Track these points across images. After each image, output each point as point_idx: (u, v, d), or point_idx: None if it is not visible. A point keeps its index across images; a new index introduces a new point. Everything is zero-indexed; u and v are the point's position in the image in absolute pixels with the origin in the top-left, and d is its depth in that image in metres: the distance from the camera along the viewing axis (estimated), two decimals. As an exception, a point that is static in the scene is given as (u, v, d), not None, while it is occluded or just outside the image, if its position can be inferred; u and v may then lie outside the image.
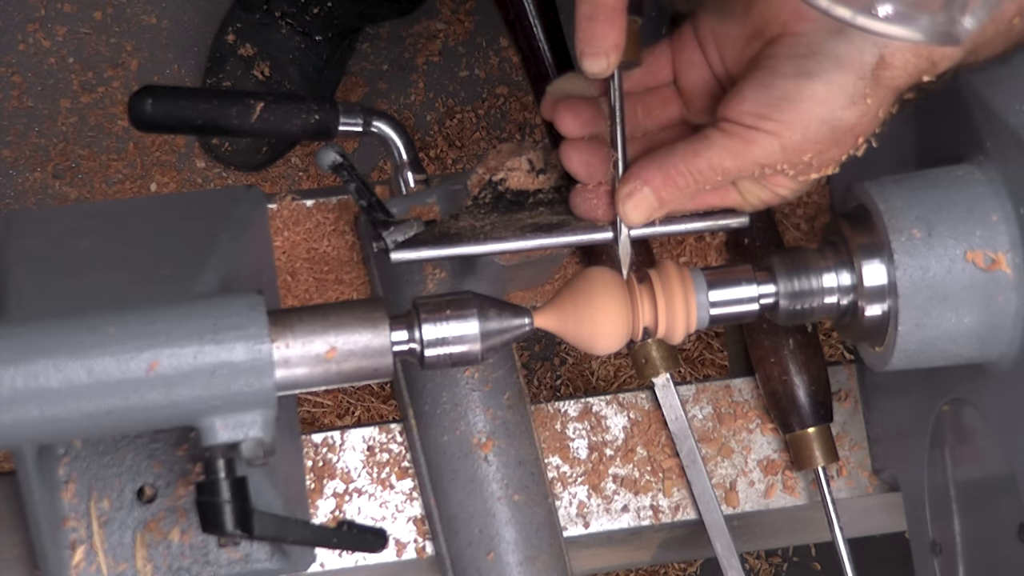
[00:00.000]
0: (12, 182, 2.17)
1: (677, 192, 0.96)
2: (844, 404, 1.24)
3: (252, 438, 0.92)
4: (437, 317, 0.96)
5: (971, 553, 1.08)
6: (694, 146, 0.95)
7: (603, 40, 0.93)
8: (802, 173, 0.95)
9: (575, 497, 1.21)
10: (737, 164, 0.94)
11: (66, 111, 2.19)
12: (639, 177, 0.96)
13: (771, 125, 0.93)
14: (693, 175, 0.95)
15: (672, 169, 0.95)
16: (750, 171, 0.95)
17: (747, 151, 0.94)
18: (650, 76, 1.02)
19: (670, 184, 0.96)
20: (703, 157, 0.95)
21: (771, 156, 0.94)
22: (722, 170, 0.95)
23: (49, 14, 2.20)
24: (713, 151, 0.95)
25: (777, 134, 0.93)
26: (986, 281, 0.95)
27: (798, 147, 0.93)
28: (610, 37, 0.93)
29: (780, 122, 0.93)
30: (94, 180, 2.18)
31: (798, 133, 0.93)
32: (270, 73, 2.10)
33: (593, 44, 0.93)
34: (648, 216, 0.97)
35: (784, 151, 0.93)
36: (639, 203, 0.97)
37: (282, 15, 2.09)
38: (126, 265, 1.00)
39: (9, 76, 2.18)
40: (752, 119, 0.93)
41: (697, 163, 0.95)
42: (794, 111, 0.92)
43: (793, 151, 0.93)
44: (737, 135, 0.94)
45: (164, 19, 2.22)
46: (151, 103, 1.10)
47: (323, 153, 1.07)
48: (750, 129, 0.93)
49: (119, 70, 2.20)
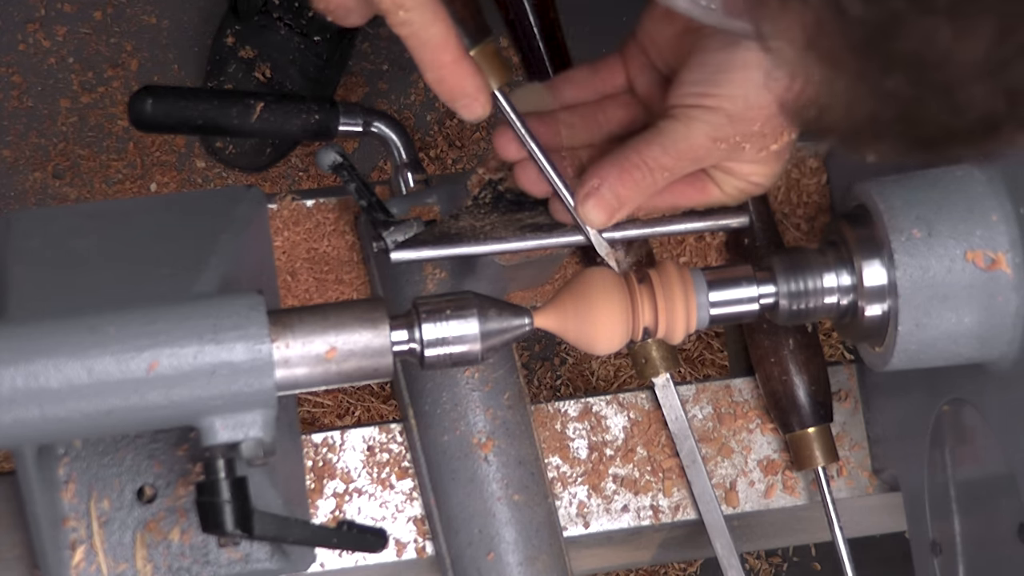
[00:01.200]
0: (12, 182, 2.16)
1: (634, 186, 0.97)
2: (844, 404, 1.24)
3: (252, 438, 0.92)
4: (437, 317, 0.96)
5: (971, 553, 1.08)
6: (645, 137, 0.97)
7: (463, 92, 0.95)
8: (760, 145, 0.96)
9: (575, 497, 1.21)
10: (689, 144, 0.96)
11: (66, 111, 2.19)
12: (596, 175, 0.98)
13: (712, 100, 0.95)
14: (648, 164, 0.97)
15: (626, 162, 0.97)
16: (705, 149, 0.96)
17: (696, 129, 0.96)
18: (605, 84, 1.04)
19: (626, 178, 0.97)
20: (655, 144, 0.97)
21: (720, 129, 0.95)
22: (676, 153, 0.96)
23: (49, 14, 2.20)
24: (664, 136, 0.96)
25: (720, 107, 0.95)
26: (986, 281, 0.95)
27: (744, 115, 0.95)
28: (466, 85, 0.95)
29: (719, 95, 0.95)
30: (94, 180, 2.18)
31: (740, 101, 0.94)
32: (271, 74, 2.10)
33: (457, 99, 0.95)
34: (610, 216, 0.99)
35: (732, 122, 0.95)
36: (598, 203, 0.98)
37: (279, 17, 2.09)
38: (126, 265, 1.00)
39: (9, 76, 2.18)
40: (694, 98, 0.95)
41: (650, 151, 0.96)
42: (730, 81, 0.94)
43: (741, 120, 0.95)
44: (684, 116, 0.96)
45: (164, 19, 2.22)
46: (151, 103, 1.10)
47: (323, 153, 1.07)
48: (693, 108, 0.95)
49: (119, 70, 2.20)
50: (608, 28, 1.06)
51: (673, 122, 0.96)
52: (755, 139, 0.96)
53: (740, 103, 0.94)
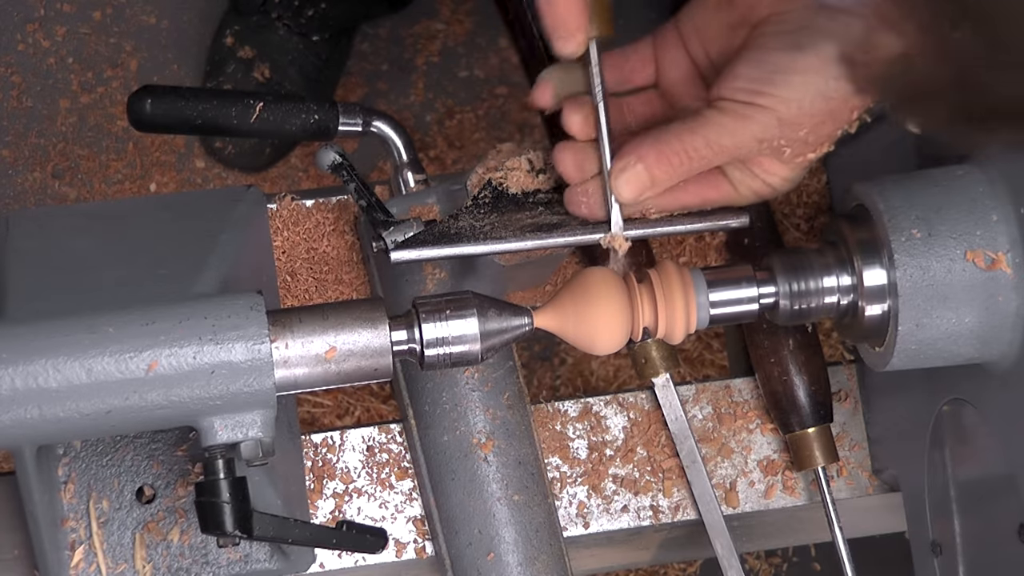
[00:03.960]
0: (11, 182, 2.16)
1: (670, 170, 0.96)
2: (844, 404, 1.24)
3: (252, 438, 0.92)
4: (437, 317, 0.96)
5: (971, 553, 1.08)
6: (689, 124, 0.96)
7: (566, 22, 0.94)
8: (799, 152, 0.95)
9: (575, 497, 1.21)
10: (734, 141, 0.95)
11: (65, 111, 2.19)
12: (634, 152, 0.96)
13: (766, 99, 0.93)
14: (688, 152, 0.95)
15: (666, 147, 0.96)
16: (748, 149, 0.95)
17: (744, 127, 0.94)
18: (634, 74, 1.03)
19: (663, 162, 0.96)
20: (699, 135, 0.95)
21: (768, 131, 0.94)
22: (719, 147, 0.95)
23: (48, 14, 2.20)
24: (709, 128, 0.95)
25: (773, 108, 0.93)
26: (986, 281, 0.95)
27: (794, 120, 0.93)
28: (572, 17, 0.94)
29: (775, 95, 0.93)
30: (93, 180, 2.18)
31: (794, 106, 0.93)
32: (270, 75, 2.10)
33: (558, 27, 0.95)
34: (639, 193, 0.97)
35: (781, 125, 0.94)
36: (631, 179, 0.97)
37: (278, 17, 2.09)
38: (125, 265, 1.00)
39: (8, 76, 2.18)
40: (747, 94, 0.94)
41: (693, 141, 0.95)
42: (788, 83, 0.93)
43: (790, 125, 0.94)
44: (733, 111, 0.94)
45: (164, 19, 2.22)
46: (150, 103, 1.10)
47: (323, 153, 1.07)
48: (746, 104, 0.94)
49: (118, 70, 2.20)
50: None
51: (721, 115, 0.95)
52: (797, 145, 0.95)
53: (794, 107, 0.93)
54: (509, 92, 2.24)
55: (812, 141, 0.95)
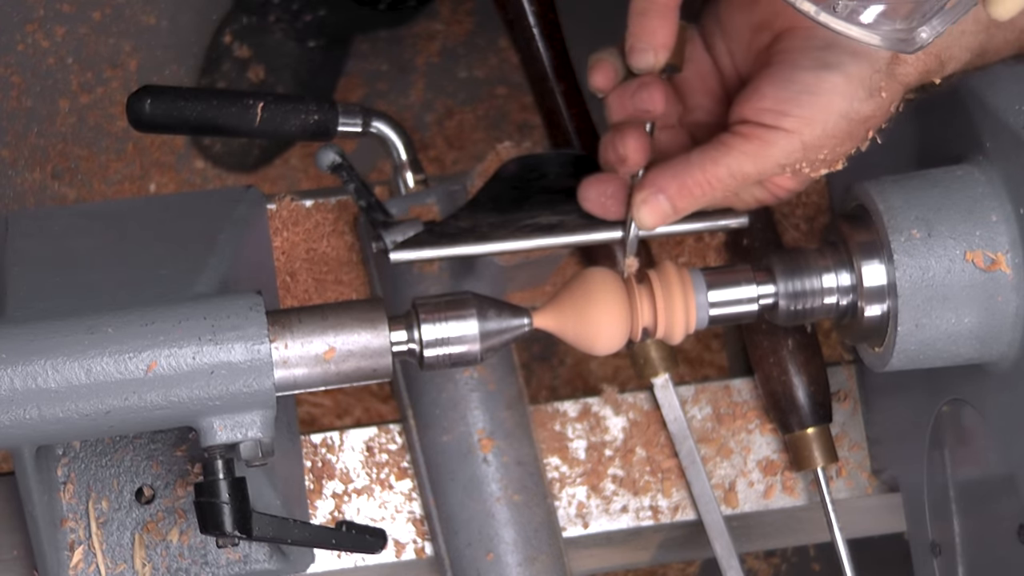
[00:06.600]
0: (11, 182, 2.16)
1: (692, 201, 0.96)
2: (843, 404, 1.24)
3: (251, 439, 0.92)
4: (436, 317, 0.96)
5: (971, 553, 1.08)
6: (711, 154, 0.95)
7: (652, 37, 0.93)
8: (815, 170, 0.95)
9: (574, 498, 1.21)
10: (758, 168, 0.94)
11: (65, 111, 2.19)
12: (655, 184, 0.96)
13: (791, 122, 0.92)
14: (711, 183, 0.94)
15: (689, 179, 0.95)
16: (770, 173, 0.95)
17: (767, 153, 0.93)
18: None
19: (686, 194, 0.95)
20: (722, 165, 0.94)
21: (791, 155, 0.93)
22: (742, 176, 0.94)
23: (48, 14, 2.20)
24: (732, 157, 0.94)
25: (798, 131, 0.92)
26: (986, 281, 0.95)
27: (817, 143, 0.93)
28: (659, 34, 0.93)
29: (800, 117, 0.92)
30: (93, 180, 2.18)
31: (818, 128, 0.92)
32: (264, 76, 2.10)
33: (643, 40, 0.93)
34: (662, 221, 0.97)
35: (804, 148, 0.93)
36: (654, 209, 0.96)
37: (277, 19, 2.09)
38: (125, 265, 1.00)
39: (8, 76, 2.18)
40: (772, 117, 0.92)
41: (716, 172, 0.94)
42: (814, 104, 0.92)
43: (812, 147, 0.93)
44: (757, 137, 0.93)
45: (163, 19, 2.22)
46: (150, 103, 1.10)
47: (322, 153, 1.07)
48: (770, 129, 0.93)
49: (118, 70, 2.20)
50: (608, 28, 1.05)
51: (744, 142, 0.93)
52: (815, 164, 0.94)
53: (818, 130, 0.92)
54: (509, 92, 2.24)
55: (829, 160, 0.94)
